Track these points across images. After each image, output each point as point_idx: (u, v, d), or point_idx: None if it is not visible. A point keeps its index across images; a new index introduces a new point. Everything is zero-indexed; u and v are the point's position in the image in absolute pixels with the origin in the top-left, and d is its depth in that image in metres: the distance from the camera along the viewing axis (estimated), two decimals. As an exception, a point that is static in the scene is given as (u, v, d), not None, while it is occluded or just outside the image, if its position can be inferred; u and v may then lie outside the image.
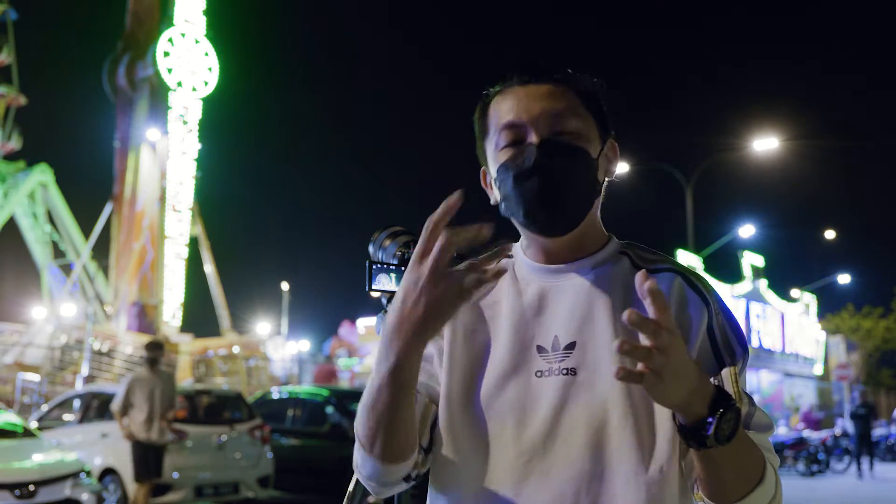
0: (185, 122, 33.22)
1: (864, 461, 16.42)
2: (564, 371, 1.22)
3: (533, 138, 1.25)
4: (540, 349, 1.25)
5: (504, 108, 1.29)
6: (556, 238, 1.28)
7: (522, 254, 1.35)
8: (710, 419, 1.05)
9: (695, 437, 1.07)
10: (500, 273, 1.08)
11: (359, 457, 1.26)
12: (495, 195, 1.34)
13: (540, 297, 1.29)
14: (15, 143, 36.25)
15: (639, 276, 1.02)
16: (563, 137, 1.25)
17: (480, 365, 1.27)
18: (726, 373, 1.21)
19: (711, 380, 1.18)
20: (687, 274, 1.28)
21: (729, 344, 1.23)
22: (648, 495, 1.16)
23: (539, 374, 1.23)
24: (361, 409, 1.21)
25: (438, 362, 1.31)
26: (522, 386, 1.23)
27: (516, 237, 1.39)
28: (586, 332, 1.23)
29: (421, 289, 1.08)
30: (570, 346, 1.23)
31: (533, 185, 1.23)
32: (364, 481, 1.30)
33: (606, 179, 1.33)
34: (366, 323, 36.41)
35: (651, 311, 1.01)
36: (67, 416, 10.52)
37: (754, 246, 26.18)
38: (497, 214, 1.33)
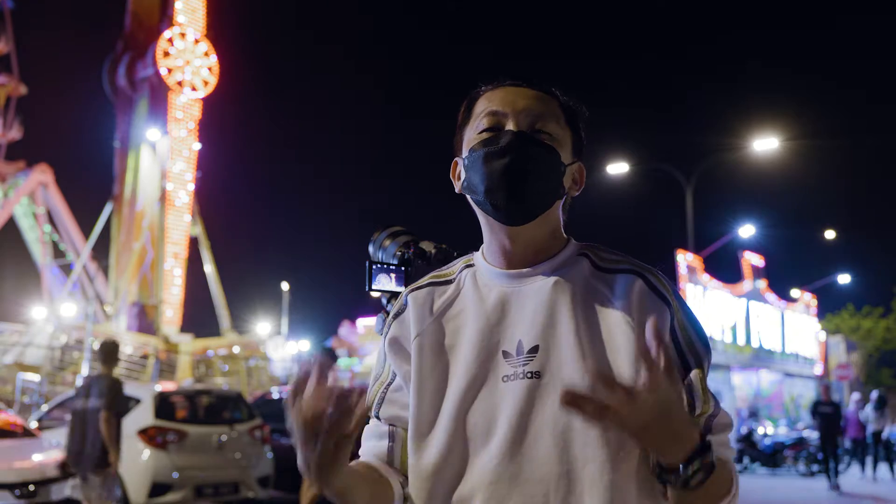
0: (185, 122, 33.21)
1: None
2: (529, 374, 1.24)
3: (511, 127, 1.29)
4: (505, 354, 1.27)
5: (491, 100, 1.34)
6: (512, 230, 1.30)
7: (483, 260, 1.37)
8: (684, 468, 1.07)
9: (671, 482, 1.09)
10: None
11: None
12: (460, 181, 1.37)
13: (502, 302, 1.31)
14: (16, 133, 36.11)
15: (649, 326, 1.06)
16: (539, 135, 1.30)
17: (450, 376, 1.29)
18: (695, 375, 1.24)
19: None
20: (647, 274, 1.29)
21: (693, 345, 1.26)
22: (615, 495, 1.18)
23: (505, 378, 1.25)
24: None
25: (407, 389, 1.34)
26: (491, 392, 1.25)
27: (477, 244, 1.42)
28: (549, 336, 1.25)
29: (309, 466, 1.14)
30: (534, 350, 1.25)
31: (501, 165, 1.27)
32: None
33: (569, 195, 1.37)
34: (365, 323, 36.43)
35: (653, 352, 1.04)
36: (67, 417, 10.52)
37: (754, 246, 26.19)
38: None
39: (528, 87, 1.34)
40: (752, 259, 25.66)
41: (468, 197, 1.35)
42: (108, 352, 6.91)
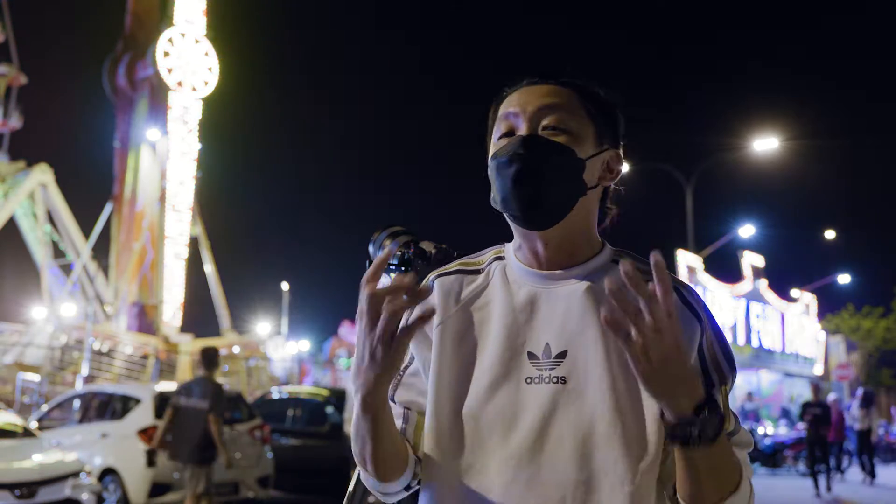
0: (185, 122, 33.20)
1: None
2: (555, 379, 1.23)
3: (522, 130, 1.28)
4: (531, 355, 1.26)
5: (508, 103, 1.33)
6: (543, 233, 1.28)
7: (514, 256, 1.35)
8: (695, 418, 1.09)
9: (681, 436, 1.10)
10: (423, 294, 1.15)
11: (360, 472, 1.34)
12: None
13: (531, 301, 1.29)
14: (16, 122, 35.89)
15: (626, 268, 1.06)
16: (549, 132, 1.27)
17: (470, 369, 1.28)
18: (717, 392, 1.23)
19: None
20: (681, 289, 1.27)
21: (718, 363, 1.25)
22: None
23: (529, 380, 1.24)
24: (352, 433, 1.29)
25: (425, 376, 1.34)
26: (513, 392, 1.25)
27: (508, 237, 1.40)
28: (577, 342, 1.24)
29: (373, 351, 1.16)
30: (562, 355, 1.24)
31: (510, 174, 1.25)
32: (372, 491, 1.36)
33: (602, 186, 1.33)
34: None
35: (658, 291, 1.05)
36: (67, 416, 10.52)
37: (754, 246, 26.18)
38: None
39: (543, 84, 1.32)
40: (752, 259, 25.64)
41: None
42: (210, 357, 7.71)
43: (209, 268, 35.12)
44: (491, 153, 1.32)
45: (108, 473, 9.03)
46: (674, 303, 1.23)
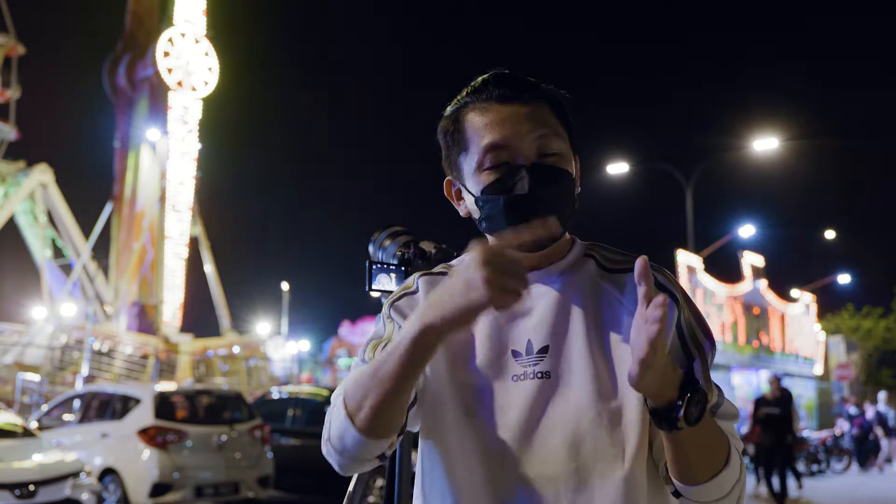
0: (185, 122, 33.19)
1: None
2: (539, 374, 1.25)
3: (521, 161, 1.26)
4: (515, 353, 1.28)
5: (485, 126, 1.29)
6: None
7: None
8: (679, 402, 1.10)
9: (666, 420, 1.12)
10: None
11: (337, 428, 1.23)
12: (465, 208, 1.36)
13: None
14: (16, 92, 35.64)
15: (639, 264, 1.10)
16: (548, 160, 1.27)
17: (459, 371, 1.29)
18: (697, 365, 1.26)
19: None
20: (654, 273, 1.29)
21: (696, 338, 1.28)
22: (625, 493, 1.20)
23: (515, 378, 1.26)
24: (359, 377, 1.19)
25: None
26: (501, 391, 1.26)
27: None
28: (559, 337, 1.27)
29: (481, 285, 1.03)
30: (544, 350, 1.27)
31: (527, 211, 1.25)
32: (334, 455, 1.27)
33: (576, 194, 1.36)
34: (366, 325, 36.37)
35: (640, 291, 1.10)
36: (67, 416, 10.52)
37: (754, 246, 26.16)
38: (464, 225, 1.36)
39: (519, 103, 1.28)
40: (752, 259, 25.62)
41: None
42: None
43: (209, 268, 35.12)
44: (483, 183, 1.28)
45: (108, 473, 9.04)
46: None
